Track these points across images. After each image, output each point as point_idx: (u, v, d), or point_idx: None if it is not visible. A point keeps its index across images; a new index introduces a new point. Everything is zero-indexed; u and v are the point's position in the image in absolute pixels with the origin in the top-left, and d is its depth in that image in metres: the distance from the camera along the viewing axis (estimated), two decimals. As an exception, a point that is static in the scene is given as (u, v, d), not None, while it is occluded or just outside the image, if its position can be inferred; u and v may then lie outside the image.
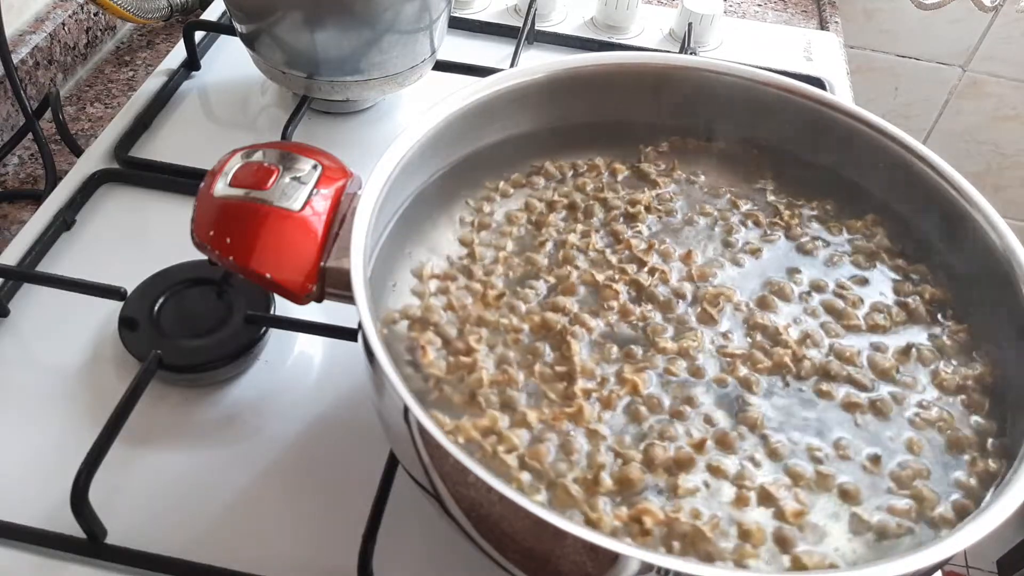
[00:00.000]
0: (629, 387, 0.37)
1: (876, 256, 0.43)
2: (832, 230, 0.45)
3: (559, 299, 0.40)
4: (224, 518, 0.42)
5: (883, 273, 0.43)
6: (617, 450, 0.35)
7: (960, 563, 1.37)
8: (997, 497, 0.32)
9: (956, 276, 0.42)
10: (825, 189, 0.47)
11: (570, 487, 0.33)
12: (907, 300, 0.41)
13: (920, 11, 0.93)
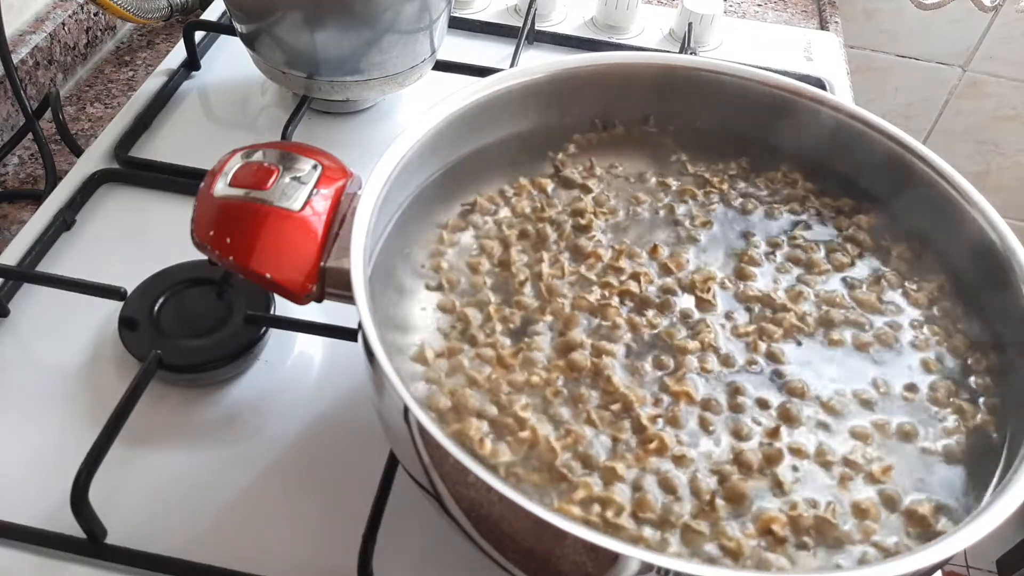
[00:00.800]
0: (684, 398, 0.37)
1: (806, 200, 0.46)
2: (757, 184, 0.46)
3: (570, 335, 0.38)
4: (224, 518, 0.42)
5: (819, 214, 0.46)
6: (712, 468, 0.35)
7: (960, 563, 1.37)
8: (997, 497, 0.32)
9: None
10: (734, 149, 0.48)
11: (694, 525, 0.33)
12: (851, 233, 0.44)
13: (920, 11, 0.93)
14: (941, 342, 0.40)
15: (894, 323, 0.41)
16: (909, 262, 0.43)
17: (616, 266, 0.42)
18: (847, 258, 0.43)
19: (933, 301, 0.42)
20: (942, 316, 0.41)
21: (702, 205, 0.45)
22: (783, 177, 0.47)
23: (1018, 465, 0.33)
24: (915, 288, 0.42)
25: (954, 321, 0.41)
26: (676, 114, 0.49)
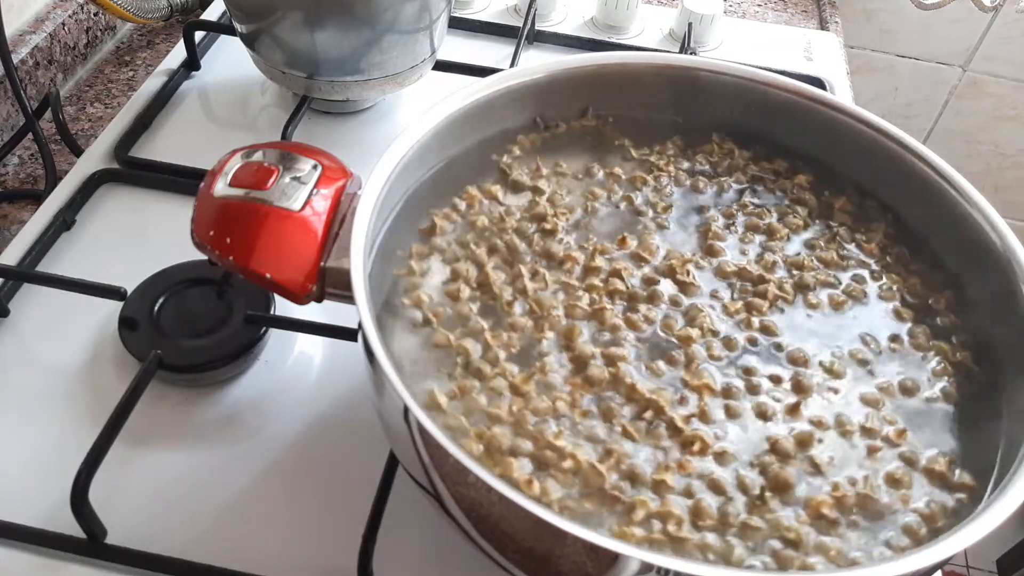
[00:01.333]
0: (706, 391, 0.37)
1: (745, 169, 0.47)
2: (699, 161, 0.47)
3: (578, 349, 0.38)
4: (224, 518, 0.42)
5: (760, 180, 0.47)
6: (753, 462, 0.35)
7: (960, 563, 1.37)
8: (997, 497, 0.32)
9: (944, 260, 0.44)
10: (667, 130, 0.48)
11: (752, 522, 0.33)
12: (795, 194, 0.46)
13: (920, 11, 0.93)
14: (902, 288, 0.42)
15: (858, 276, 0.43)
16: (853, 214, 0.45)
17: (593, 266, 0.41)
18: (800, 220, 0.45)
19: (885, 249, 0.44)
20: (895, 262, 0.43)
21: (656, 190, 0.45)
22: (716, 150, 0.48)
23: (1018, 465, 0.33)
24: (865, 239, 0.44)
25: (906, 265, 0.43)
26: (676, 114, 0.49)
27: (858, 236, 0.44)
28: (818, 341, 0.40)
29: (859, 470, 0.35)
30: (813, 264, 0.43)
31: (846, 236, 0.44)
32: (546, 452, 0.34)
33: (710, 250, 0.43)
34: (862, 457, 0.36)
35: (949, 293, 0.42)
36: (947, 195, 0.43)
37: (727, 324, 0.40)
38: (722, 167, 0.47)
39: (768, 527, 0.33)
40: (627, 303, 0.40)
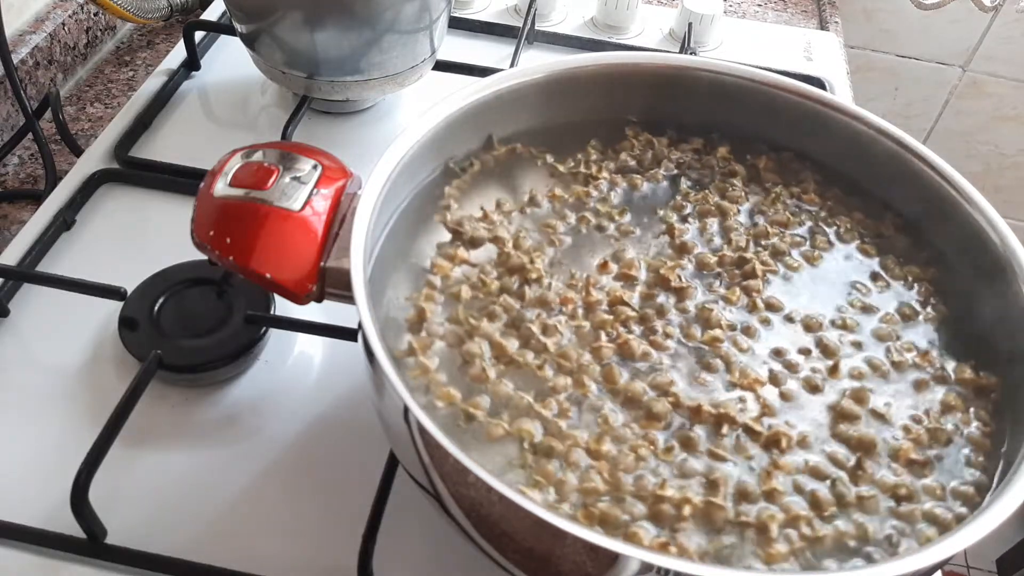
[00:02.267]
0: (756, 385, 0.37)
1: (669, 155, 0.47)
2: (623, 159, 0.47)
3: (623, 388, 0.37)
4: (224, 518, 0.42)
5: (686, 164, 0.47)
6: (832, 436, 0.36)
7: (960, 563, 1.37)
8: (997, 497, 0.32)
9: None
10: (578, 134, 0.48)
11: (865, 493, 0.34)
12: (722, 167, 0.47)
13: (920, 11, 0.93)
14: (853, 226, 0.45)
15: (814, 227, 0.45)
16: (777, 170, 0.47)
17: (591, 300, 0.40)
18: (738, 191, 0.46)
19: (821, 195, 0.46)
20: (836, 204, 0.46)
21: (602, 200, 0.45)
22: (636, 142, 0.48)
23: (1018, 465, 0.33)
24: (800, 190, 0.46)
25: (845, 203, 0.46)
26: (675, 114, 0.49)
27: (793, 190, 0.46)
28: (818, 300, 0.41)
29: (913, 407, 0.38)
30: (774, 229, 0.44)
31: (784, 193, 0.46)
32: (661, 507, 0.33)
33: (683, 248, 0.43)
34: (908, 392, 0.38)
35: (890, 216, 0.45)
36: (947, 195, 0.43)
37: (736, 313, 0.40)
38: (647, 159, 0.47)
39: (880, 490, 0.35)
40: (642, 326, 0.39)
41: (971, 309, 0.41)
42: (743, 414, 0.36)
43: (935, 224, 0.44)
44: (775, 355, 0.39)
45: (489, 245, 0.42)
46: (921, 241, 0.44)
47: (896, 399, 0.38)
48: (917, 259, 0.44)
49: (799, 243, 0.44)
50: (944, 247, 0.44)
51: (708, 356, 0.38)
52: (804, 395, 0.38)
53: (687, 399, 0.36)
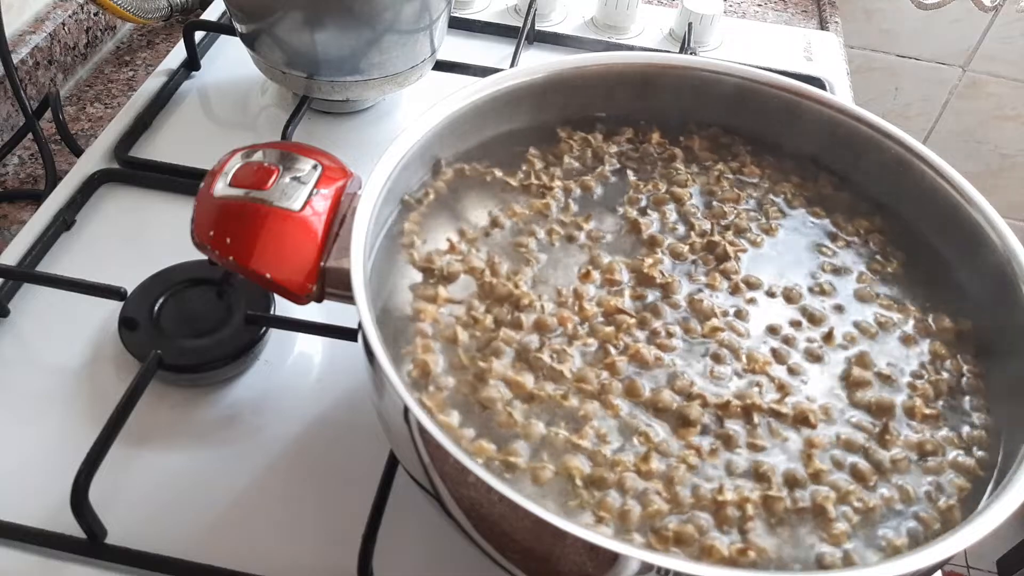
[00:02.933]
0: (767, 367, 0.38)
1: (608, 150, 0.47)
2: (567, 163, 0.46)
3: (650, 401, 0.36)
4: (224, 518, 0.42)
5: (626, 156, 0.47)
6: (850, 404, 0.37)
7: (960, 563, 1.37)
8: (997, 497, 0.32)
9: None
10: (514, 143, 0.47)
11: (897, 455, 0.36)
12: (660, 154, 0.47)
13: (920, 11, 0.93)
14: (794, 191, 0.46)
15: (763, 199, 0.46)
16: (711, 148, 0.48)
17: (586, 315, 0.39)
18: (683, 175, 0.46)
19: (759, 165, 0.47)
20: (774, 172, 0.47)
21: (563, 209, 0.44)
22: (575, 144, 0.47)
23: (1018, 465, 0.33)
24: (738, 164, 0.47)
25: (781, 170, 0.47)
26: (675, 114, 0.49)
27: (732, 165, 0.47)
28: (790, 270, 0.43)
29: (909, 363, 0.39)
30: (728, 208, 0.45)
31: (725, 170, 0.47)
32: (725, 512, 0.33)
33: (653, 242, 0.43)
34: (900, 349, 0.40)
35: (824, 175, 0.47)
36: (947, 195, 0.43)
37: (723, 298, 0.41)
38: (588, 158, 0.47)
39: (910, 451, 0.36)
40: (645, 330, 0.39)
41: (923, 253, 0.44)
42: (765, 399, 0.37)
43: (935, 224, 0.44)
44: (771, 333, 0.40)
45: (465, 277, 0.40)
46: (858, 193, 0.46)
47: (893, 358, 0.39)
48: (860, 211, 0.46)
49: (755, 217, 0.45)
50: (888, 200, 0.46)
51: (713, 348, 0.39)
52: (810, 368, 0.39)
53: (713, 397, 0.37)
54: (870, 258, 0.44)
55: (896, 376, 0.39)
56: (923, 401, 0.38)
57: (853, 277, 0.43)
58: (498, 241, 0.42)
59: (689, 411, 0.36)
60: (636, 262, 0.42)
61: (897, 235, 0.45)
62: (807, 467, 0.35)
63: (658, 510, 0.33)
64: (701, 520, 0.33)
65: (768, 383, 0.38)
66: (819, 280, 0.42)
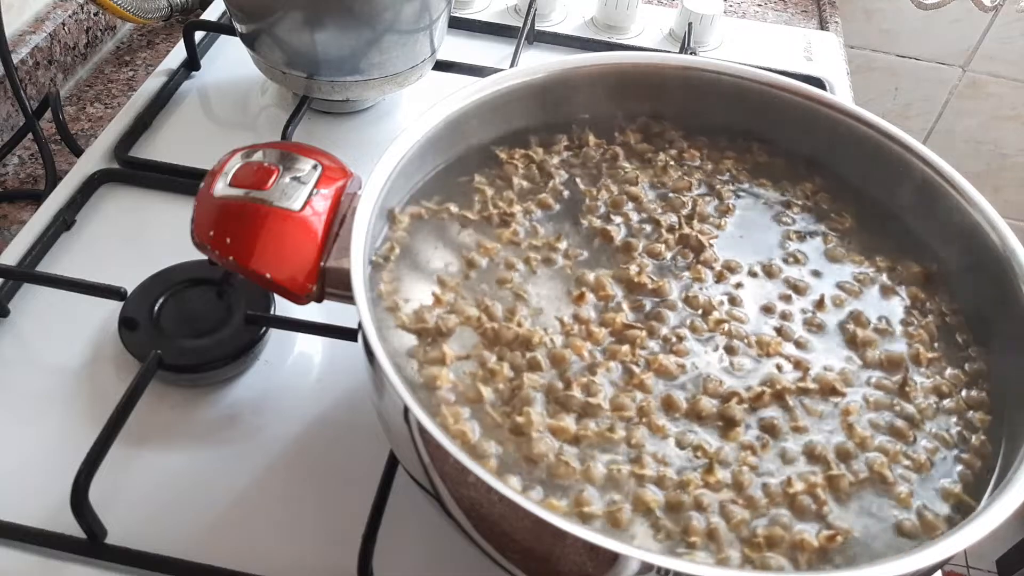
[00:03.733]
0: (778, 346, 0.39)
1: (551, 162, 0.46)
2: (517, 183, 0.45)
3: (690, 411, 0.36)
4: (224, 518, 0.42)
5: (569, 164, 0.47)
6: (864, 364, 0.39)
7: (960, 563, 1.37)
8: (997, 497, 0.32)
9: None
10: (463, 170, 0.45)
11: (923, 404, 0.37)
12: (601, 155, 0.47)
13: (920, 11, 0.93)
14: (737, 167, 0.47)
15: (711, 181, 0.46)
16: (648, 139, 0.48)
17: (596, 338, 0.38)
18: (630, 172, 0.46)
19: (694, 147, 0.48)
20: (710, 151, 0.48)
21: (530, 233, 0.43)
22: (518, 163, 0.46)
23: (1018, 465, 0.33)
24: (677, 151, 0.48)
25: (716, 148, 0.48)
26: (675, 115, 0.49)
27: (671, 153, 0.47)
28: (761, 246, 0.44)
29: (896, 313, 0.41)
30: (685, 197, 0.45)
31: (667, 159, 0.47)
32: (801, 502, 0.34)
33: (628, 248, 0.42)
34: (884, 301, 0.42)
35: (755, 144, 0.48)
36: (947, 195, 0.43)
37: (713, 288, 0.41)
38: (534, 176, 0.45)
39: (931, 397, 0.38)
40: (658, 340, 0.39)
41: (866, 202, 0.46)
42: (790, 380, 0.37)
43: (934, 223, 0.44)
44: (767, 312, 0.41)
45: (462, 328, 0.38)
46: (790, 156, 0.47)
47: (881, 311, 0.41)
48: (799, 174, 0.47)
49: (710, 200, 0.45)
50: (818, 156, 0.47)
51: (723, 341, 0.39)
52: (814, 337, 0.40)
53: (744, 391, 0.37)
54: (826, 218, 0.45)
55: (891, 328, 0.40)
56: (923, 347, 0.39)
57: (819, 239, 0.44)
58: (480, 282, 0.40)
59: (731, 411, 0.36)
60: (621, 272, 0.41)
61: (838, 190, 0.46)
62: (851, 437, 0.36)
63: (742, 519, 0.33)
64: (782, 517, 0.33)
65: (785, 363, 0.38)
66: (789, 249, 0.43)
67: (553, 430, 0.35)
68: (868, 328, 0.40)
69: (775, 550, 0.32)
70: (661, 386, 0.37)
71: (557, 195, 0.45)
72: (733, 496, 0.34)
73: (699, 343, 0.39)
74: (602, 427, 0.35)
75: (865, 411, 0.37)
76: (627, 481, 0.34)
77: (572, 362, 0.37)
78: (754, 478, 0.34)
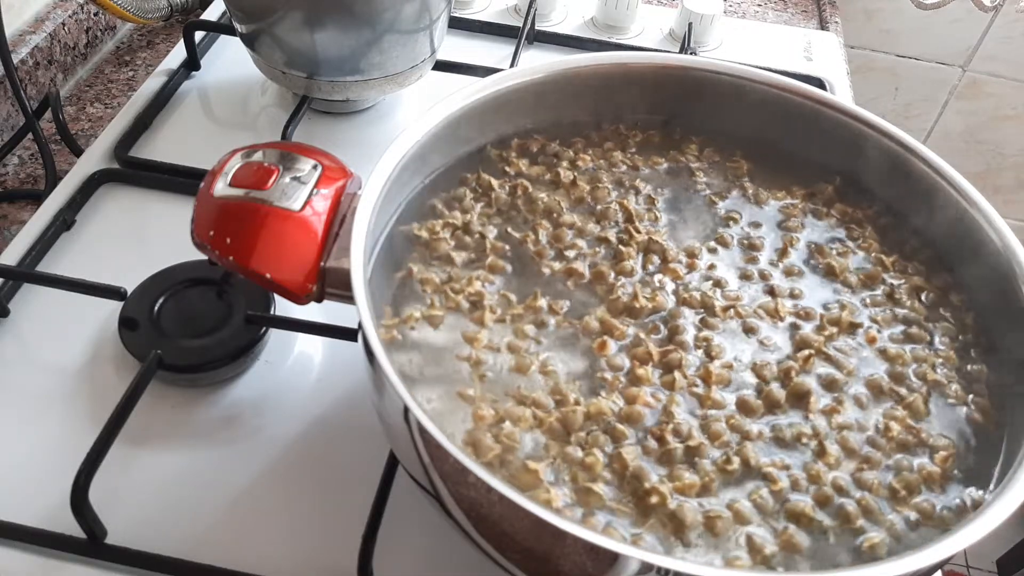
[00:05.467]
0: (808, 318, 0.41)
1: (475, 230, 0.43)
2: (489, 202, 0.44)
3: (734, 400, 0.37)
4: (224, 518, 0.42)
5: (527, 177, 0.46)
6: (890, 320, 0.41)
7: (960, 563, 1.37)
8: (997, 497, 0.32)
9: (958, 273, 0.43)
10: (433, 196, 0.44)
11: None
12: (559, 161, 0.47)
13: (920, 11, 0.93)
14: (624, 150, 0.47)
15: (614, 179, 0.46)
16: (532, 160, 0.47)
17: (644, 379, 0.37)
18: (550, 201, 0.44)
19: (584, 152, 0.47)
20: (592, 148, 0.48)
21: (505, 303, 0.40)
22: (472, 190, 0.45)
23: (1018, 465, 0.33)
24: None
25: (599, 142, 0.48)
26: (675, 115, 0.49)
27: (564, 165, 0.46)
28: (697, 222, 0.45)
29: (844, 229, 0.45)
30: (610, 205, 0.44)
31: (570, 174, 0.46)
32: (903, 437, 0.36)
33: (599, 277, 0.41)
34: (822, 223, 0.45)
35: (679, 130, 0.49)
36: (947, 195, 0.43)
37: (697, 281, 0.42)
38: (465, 242, 0.42)
39: (913, 295, 0.41)
40: (693, 353, 0.38)
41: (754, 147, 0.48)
42: (812, 330, 0.40)
43: (934, 223, 0.44)
44: (747, 280, 0.42)
45: (524, 434, 0.35)
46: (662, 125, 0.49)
47: (829, 234, 0.44)
48: (725, 152, 0.48)
49: (631, 197, 0.45)
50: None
51: (738, 325, 0.40)
52: (799, 283, 0.42)
53: (791, 362, 0.38)
54: (725, 168, 0.47)
55: (847, 245, 0.44)
56: (879, 253, 0.43)
57: (736, 190, 0.46)
58: (500, 376, 0.37)
59: (797, 386, 0.37)
60: (614, 303, 0.40)
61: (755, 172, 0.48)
62: (889, 360, 0.39)
63: (876, 482, 0.35)
64: (902, 462, 0.35)
65: (799, 320, 0.40)
66: (721, 213, 0.45)
67: (681, 490, 0.33)
68: (832, 256, 0.43)
69: (916, 495, 0.34)
70: (727, 395, 0.37)
71: (500, 254, 0.42)
72: (856, 465, 0.35)
73: (723, 337, 0.39)
74: (718, 462, 0.34)
75: (883, 331, 0.40)
76: (773, 504, 0.34)
77: (644, 416, 0.36)
78: (855, 436, 0.36)
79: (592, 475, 0.34)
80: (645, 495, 0.33)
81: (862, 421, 0.37)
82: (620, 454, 0.34)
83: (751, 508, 0.33)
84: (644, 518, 0.33)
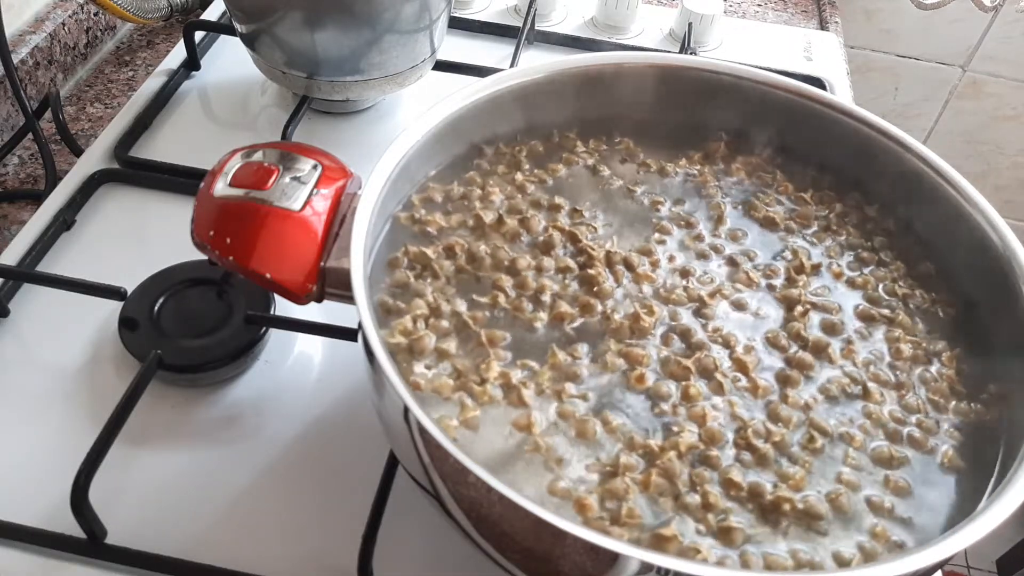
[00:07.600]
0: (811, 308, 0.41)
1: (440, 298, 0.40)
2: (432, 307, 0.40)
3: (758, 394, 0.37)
4: (224, 518, 0.42)
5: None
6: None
7: (960, 563, 1.37)
8: (997, 497, 0.32)
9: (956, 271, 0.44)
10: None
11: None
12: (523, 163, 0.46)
13: (920, 11, 0.93)
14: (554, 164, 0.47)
15: (536, 200, 0.45)
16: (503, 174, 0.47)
17: (694, 395, 0.37)
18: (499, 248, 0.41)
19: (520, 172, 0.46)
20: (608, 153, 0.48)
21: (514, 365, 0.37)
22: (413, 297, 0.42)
23: (1018, 465, 0.33)
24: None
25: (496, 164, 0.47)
26: (675, 115, 0.49)
27: (512, 189, 0.45)
28: (639, 220, 0.45)
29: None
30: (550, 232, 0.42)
31: (520, 181, 0.45)
32: (905, 400, 0.38)
33: (586, 308, 0.40)
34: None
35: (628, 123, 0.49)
36: (947, 195, 0.43)
37: (668, 279, 0.42)
38: (442, 270, 0.40)
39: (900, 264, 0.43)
40: (720, 348, 0.38)
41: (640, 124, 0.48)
42: (798, 294, 0.41)
43: (934, 223, 0.44)
44: (703, 258, 0.43)
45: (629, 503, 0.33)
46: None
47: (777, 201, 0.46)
48: (702, 144, 0.48)
49: (561, 215, 0.44)
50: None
51: (728, 307, 0.40)
52: (759, 249, 0.43)
53: (795, 323, 0.40)
54: (615, 152, 0.47)
55: (770, 199, 0.46)
56: (823, 235, 0.44)
57: (640, 174, 0.47)
58: (571, 449, 0.35)
59: (818, 342, 0.39)
60: (617, 329, 0.38)
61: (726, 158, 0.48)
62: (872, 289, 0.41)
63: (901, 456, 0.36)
64: (905, 452, 0.36)
65: (771, 279, 0.42)
66: (644, 201, 0.45)
67: (796, 486, 0.34)
68: (763, 208, 0.45)
69: (951, 401, 0.38)
70: (767, 375, 0.38)
71: (484, 324, 0.38)
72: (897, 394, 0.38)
73: (725, 322, 0.40)
74: (803, 443, 0.36)
75: (840, 263, 0.43)
76: (864, 460, 0.36)
77: (719, 429, 0.35)
78: (881, 368, 0.39)
79: (720, 511, 0.33)
80: (773, 508, 0.33)
81: (876, 352, 0.39)
82: (731, 479, 0.34)
83: (852, 473, 0.35)
84: (777, 528, 0.33)
